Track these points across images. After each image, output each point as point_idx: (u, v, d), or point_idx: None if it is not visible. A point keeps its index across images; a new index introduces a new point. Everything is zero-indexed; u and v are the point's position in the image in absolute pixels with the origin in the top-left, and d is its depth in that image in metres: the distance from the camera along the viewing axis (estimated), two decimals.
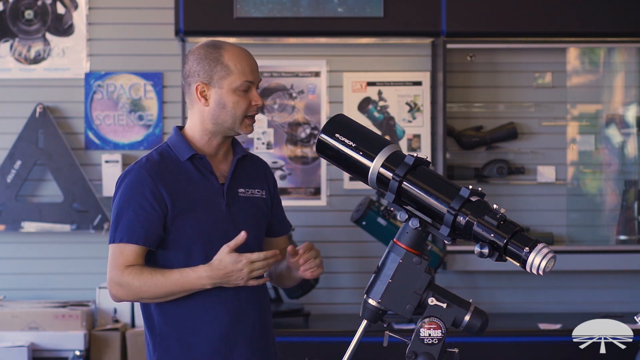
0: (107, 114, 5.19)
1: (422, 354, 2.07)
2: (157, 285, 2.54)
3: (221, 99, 2.60)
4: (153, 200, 2.56)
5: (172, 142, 2.66)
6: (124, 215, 2.57)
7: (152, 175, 2.58)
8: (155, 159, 2.62)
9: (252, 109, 2.63)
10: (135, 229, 2.55)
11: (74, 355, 4.71)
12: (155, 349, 2.63)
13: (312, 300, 5.10)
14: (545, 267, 2.00)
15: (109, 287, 2.62)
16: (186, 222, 2.57)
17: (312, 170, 5.22)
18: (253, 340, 2.66)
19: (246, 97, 2.61)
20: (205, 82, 2.61)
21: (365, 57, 5.25)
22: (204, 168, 2.63)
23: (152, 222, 2.56)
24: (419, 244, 2.14)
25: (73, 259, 5.17)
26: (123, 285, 2.58)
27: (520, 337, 4.71)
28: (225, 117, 2.61)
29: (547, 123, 5.28)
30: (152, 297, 2.57)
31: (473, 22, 5.00)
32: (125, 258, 2.57)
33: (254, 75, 2.63)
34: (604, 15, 5.01)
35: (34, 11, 5.20)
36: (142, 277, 2.55)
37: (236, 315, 2.62)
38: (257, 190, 2.72)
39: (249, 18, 4.95)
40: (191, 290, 2.57)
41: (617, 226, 5.28)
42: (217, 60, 2.60)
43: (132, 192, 2.57)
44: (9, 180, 5.09)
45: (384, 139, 2.25)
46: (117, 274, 2.58)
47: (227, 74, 2.59)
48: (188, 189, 2.60)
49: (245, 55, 2.64)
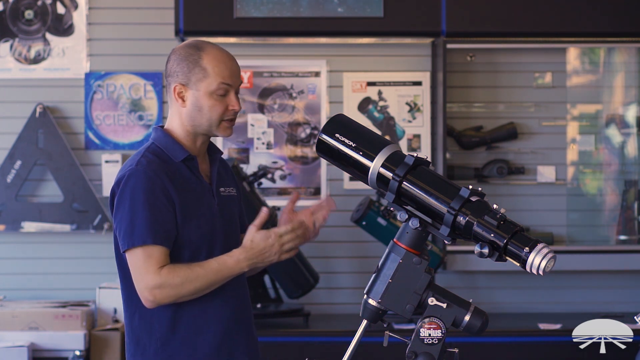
0: (107, 114, 5.19)
1: (422, 354, 2.07)
2: (198, 278, 2.48)
3: (197, 101, 2.57)
4: (164, 199, 2.51)
5: (163, 144, 2.61)
6: (139, 217, 2.47)
7: (159, 174, 2.52)
8: (154, 160, 2.56)
9: (228, 113, 2.58)
10: (157, 229, 2.48)
11: (74, 355, 4.71)
12: (157, 353, 2.57)
13: (312, 300, 5.10)
14: (545, 267, 2.00)
15: (147, 294, 2.47)
16: (193, 223, 2.54)
17: (312, 170, 5.22)
18: (250, 337, 2.67)
19: (223, 101, 2.57)
20: (183, 83, 2.58)
21: (365, 57, 5.25)
22: (195, 169, 2.61)
23: (170, 221, 2.50)
24: (419, 244, 2.14)
25: (73, 259, 5.17)
26: (163, 286, 2.46)
27: (520, 337, 4.71)
28: (201, 119, 2.58)
29: (547, 123, 5.28)
30: (193, 292, 2.49)
31: (473, 22, 5.00)
32: (156, 260, 2.47)
33: (232, 79, 2.57)
34: (604, 15, 5.01)
35: (34, 11, 5.21)
36: (180, 273, 2.47)
37: (237, 313, 2.62)
38: (230, 188, 2.71)
39: (249, 18, 4.95)
40: (230, 277, 2.53)
41: (617, 226, 5.28)
42: (196, 63, 2.56)
43: (143, 193, 2.49)
44: (9, 180, 5.09)
45: (384, 139, 2.25)
46: (153, 278, 2.46)
47: (204, 77, 2.55)
48: (187, 190, 2.58)
49: (225, 58, 2.59)
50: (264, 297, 4.91)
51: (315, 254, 5.09)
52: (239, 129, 5.17)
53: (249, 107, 5.21)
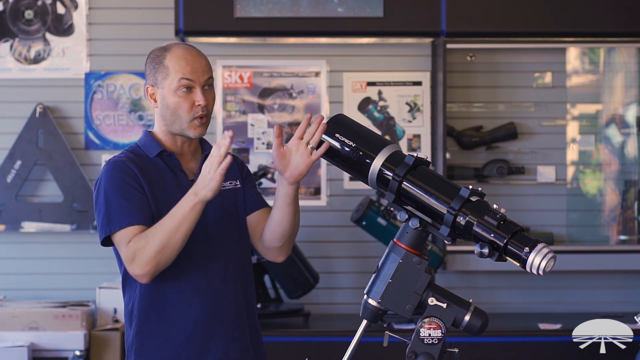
0: (107, 114, 5.19)
1: (422, 354, 2.07)
2: (158, 228, 2.47)
3: (164, 100, 2.59)
4: (135, 184, 2.55)
5: (141, 142, 2.67)
6: (113, 203, 2.53)
7: (130, 165, 2.58)
8: (130, 156, 2.62)
9: (196, 109, 2.57)
10: (130, 211, 2.51)
11: (74, 355, 4.71)
12: (134, 341, 2.62)
13: (312, 300, 5.10)
14: (545, 267, 2.01)
15: (132, 271, 2.50)
16: (162, 215, 2.54)
17: (312, 170, 5.22)
18: (232, 335, 2.64)
19: (189, 97, 2.57)
20: (152, 84, 2.62)
21: (365, 57, 5.25)
22: (173, 165, 2.63)
23: (142, 200, 2.54)
24: (419, 244, 2.15)
25: (73, 259, 5.17)
26: (136, 254, 2.48)
27: (520, 337, 4.71)
28: (171, 118, 2.59)
29: (547, 123, 5.28)
30: (161, 244, 2.47)
31: (473, 22, 5.00)
32: (129, 237, 2.50)
33: (194, 75, 2.56)
34: (604, 15, 5.01)
35: (34, 11, 5.21)
36: (143, 234, 2.49)
37: (210, 307, 2.60)
38: (229, 182, 2.69)
39: (249, 18, 4.95)
40: (188, 216, 2.46)
41: (617, 226, 5.28)
42: (160, 62, 2.60)
43: (113, 181, 2.54)
44: (9, 180, 5.09)
45: (384, 139, 2.25)
46: (126, 252, 2.49)
47: (167, 75, 2.58)
48: (161, 184, 2.60)
49: (187, 55, 2.59)
50: (264, 297, 4.91)
51: (315, 254, 5.09)
52: (239, 129, 5.17)
53: (249, 107, 5.21)
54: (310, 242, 5.10)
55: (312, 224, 5.12)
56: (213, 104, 2.64)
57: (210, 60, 2.68)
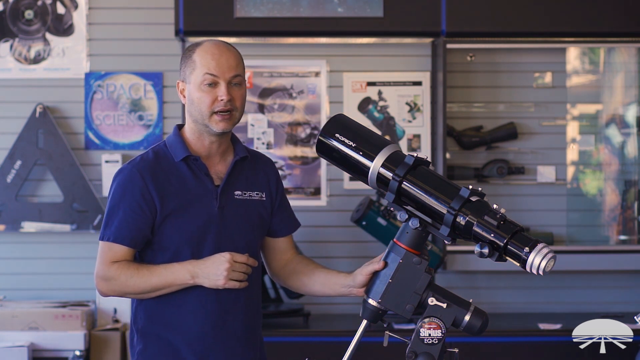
0: (107, 114, 5.19)
1: (422, 354, 2.07)
2: (143, 279, 2.54)
3: (190, 94, 2.60)
4: (142, 201, 2.55)
5: (170, 142, 2.65)
6: (114, 214, 2.58)
7: (144, 175, 2.57)
8: (150, 158, 2.61)
9: (217, 104, 2.56)
10: (123, 230, 2.55)
11: (74, 355, 4.71)
12: (139, 342, 2.64)
13: (312, 300, 5.10)
14: (545, 267, 2.01)
15: (96, 282, 2.60)
16: (175, 224, 2.56)
17: (312, 170, 5.22)
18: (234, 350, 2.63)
19: (212, 92, 2.56)
20: (182, 79, 2.64)
21: (365, 57, 5.25)
22: (199, 170, 2.61)
23: (140, 224, 2.56)
24: (419, 244, 2.15)
25: (73, 259, 5.17)
26: (109, 279, 2.56)
27: (520, 337, 4.71)
28: (195, 113, 2.59)
29: (547, 123, 5.28)
30: (137, 291, 2.56)
31: (473, 22, 5.00)
32: (113, 254, 2.56)
33: (218, 70, 2.56)
34: (604, 15, 5.01)
35: (34, 11, 5.20)
36: (128, 271, 2.55)
37: (215, 320, 2.60)
38: (255, 192, 2.67)
39: (249, 18, 4.95)
40: (174, 284, 2.54)
41: (617, 226, 5.28)
42: (189, 57, 2.60)
43: (122, 192, 2.57)
44: (9, 180, 5.09)
45: (384, 139, 2.26)
46: (103, 269, 2.57)
47: (193, 70, 2.58)
48: (180, 190, 2.58)
49: (215, 51, 2.58)
50: (264, 297, 4.91)
51: (315, 254, 5.09)
52: (239, 128, 5.17)
53: (249, 107, 5.20)
54: (310, 242, 5.09)
55: (312, 224, 5.12)
56: (242, 101, 2.61)
57: None
